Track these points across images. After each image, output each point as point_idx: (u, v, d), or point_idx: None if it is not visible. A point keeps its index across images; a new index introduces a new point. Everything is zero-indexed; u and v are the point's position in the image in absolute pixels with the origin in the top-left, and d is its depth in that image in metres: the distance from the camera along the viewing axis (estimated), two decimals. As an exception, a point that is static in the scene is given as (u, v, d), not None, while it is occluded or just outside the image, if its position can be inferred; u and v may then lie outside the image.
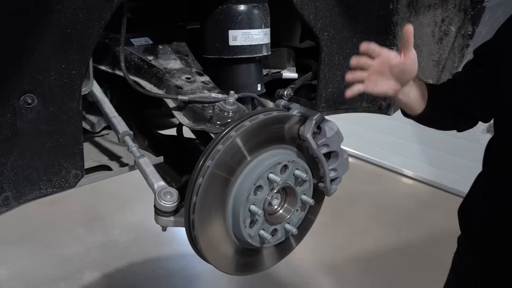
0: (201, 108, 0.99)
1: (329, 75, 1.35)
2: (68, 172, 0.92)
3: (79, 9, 0.81)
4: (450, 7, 1.14)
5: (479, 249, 1.08)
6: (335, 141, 0.98)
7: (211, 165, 0.84)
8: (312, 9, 1.22)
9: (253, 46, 1.13)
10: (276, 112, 0.94)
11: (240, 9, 1.10)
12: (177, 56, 1.13)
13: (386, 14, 1.27)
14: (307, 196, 0.97)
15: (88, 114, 1.21)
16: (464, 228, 1.14)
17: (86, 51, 0.85)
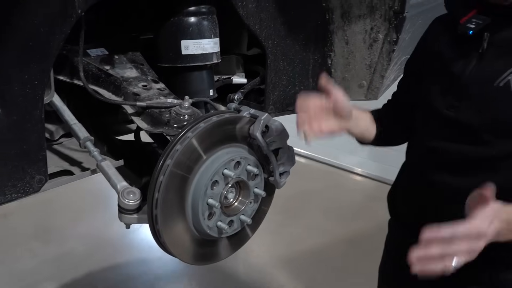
0: (159, 113, 1.07)
1: (275, 79, 1.47)
2: (32, 178, 0.97)
3: (40, 24, 0.86)
4: (377, 17, 1.30)
5: (405, 229, 1.22)
6: (282, 138, 1.09)
7: (171, 163, 0.93)
8: (257, 20, 1.33)
9: (204, 54, 1.22)
10: (228, 114, 1.03)
11: (191, 21, 1.19)
12: (133, 65, 1.20)
13: (323, 24, 1.40)
14: (259, 189, 1.07)
15: (46, 123, 1.25)
16: (392, 212, 1.27)
17: (47, 62, 0.91)
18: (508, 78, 0.88)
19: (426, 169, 1.06)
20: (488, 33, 0.91)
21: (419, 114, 1.11)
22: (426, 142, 1.07)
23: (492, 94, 0.90)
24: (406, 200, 1.19)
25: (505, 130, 0.90)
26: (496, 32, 0.91)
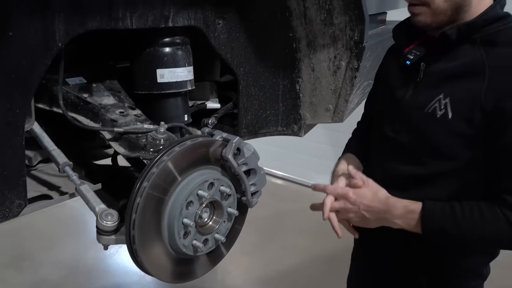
0: (136, 138, 1.12)
1: (248, 104, 1.55)
2: (12, 202, 1.00)
3: (22, 57, 0.92)
4: (340, 46, 1.40)
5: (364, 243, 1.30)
6: (253, 160, 1.16)
7: (147, 186, 0.98)
8: (229, 49, 1.42)
9: (179, 82, 1.29)
10: (201, 138, 1.10)
11: (166, 51, 1.27)
12: (110, 93, 1.26)
13: (291, 52, 1.50)
14: (232, 208, 1.13)
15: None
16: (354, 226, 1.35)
17: (29, 92, 0.96)
18: (435, 105, 0.98)
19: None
20: (424, 63, 1.02)
21: (372, 137, 1.21)
22: (377, 162, 1.17)
23: (423, 119, 0.99)
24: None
25: (436, 152, 1.00)
26: (430, 63, 1.01)
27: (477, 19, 0.95)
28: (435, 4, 0.95)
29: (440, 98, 0.97)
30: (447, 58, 0.99)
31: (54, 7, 0.94)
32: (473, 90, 0.93)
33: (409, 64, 1.03)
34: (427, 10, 0.97)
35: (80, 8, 0.99)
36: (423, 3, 0.97)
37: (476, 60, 0.95)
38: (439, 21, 0.98)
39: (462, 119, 0.94)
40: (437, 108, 0.96)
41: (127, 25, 1.10)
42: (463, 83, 0.95)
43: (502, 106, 0.89)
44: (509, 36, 0.95)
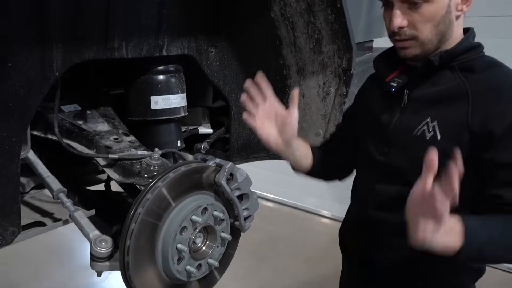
0: (130, 164, 1.14)
1: (239, 129, 1.58)
2: (5, 230, 1.00)
3: (20, 86, 0.94)
4: (329, 73, 1.45)
5: (353, 265, 1.31)
6: (246, 185, 1.18)
7: (142, 212, 0.99)
8: (221, 76, 1.46)
9: (172, 109, 1.32)
10: (195, 164, 1.12)
11: (160, 79, 1.30)
12: (104, 120, 1.28)
13: (281, 78, 1.54)
14: (225, 233, 1.15)
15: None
16: (341, 248, 1.36)
17: (25, 120, 0.97)
18: (423, 128, 1.03)
19: (367, 208, 1.18)
20: (407, 90, 1.07)
21: (359, 160, 1.24)
22: (365, 183, 1.20)
23: (412, 142, 1.04)
24: (352, 237, 1.29)
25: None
26: (413, 89, 1.07)
27: (456, 47, 1.02)
28: (423, 36, 1.01)
29: (427, 121, 1.02)
30: (429, 84, 1.05)
31: (53, 38, 0.97)
32: (459, 113, 0.99)
33: (393, 91, 1.08)
34: (415, 43, 1.03)
35: (77, 39, 1.02)
36: (411, 37, 1.03)
37: (458, 85, 1.01)
38: (427, 51, 1.04)
39: (451, 140, 0.99)
40: (425, 131, 1.02)
41: (123, 54, 1.13)
42: (449, 107, 1.01)
43: (489, 128, 0.95)
44: (483, 63, 1.02)
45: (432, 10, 0.98)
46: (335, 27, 1.33)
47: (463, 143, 0.97)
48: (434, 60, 1.02)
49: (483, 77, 1.00)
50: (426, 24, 1.00)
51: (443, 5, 0.98)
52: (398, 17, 1.01)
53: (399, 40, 1.05)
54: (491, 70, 1.01)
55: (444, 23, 1.00)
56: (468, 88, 0.99)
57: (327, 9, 1.30)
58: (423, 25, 1.00)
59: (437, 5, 0.98)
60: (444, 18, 0.99)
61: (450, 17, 1.00)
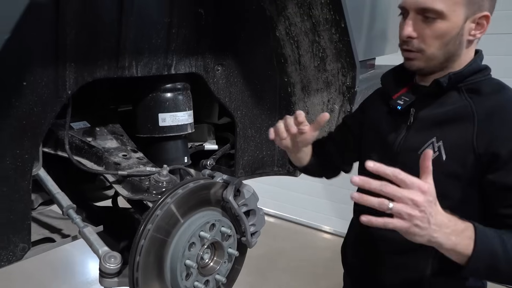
0: (139, 181, 1.15)
1: (244, 145, 1.60)
2: (16, 246, 1.01)
3: (34, 104, 0.96)
4: (333, 91, 1.48)
5: (354, 282, 1.30)
6: (252, 201, 1.19)
7: (151, 228, 1.00)
8: (227, 94, 1.48)
9: (180, 125, 1.34)
10: (203, 180, 1.14)
11: (168, 96, 1.33)
12: (113, 137, 1.30)
13: (286, 96, 1.57)
14: (232, 249, 1.16)
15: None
16: (343, 264, 1.35)
17: (38, 138, 0.99)
18: (428, 147, 1.04)
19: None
20: (413, 109, 1.09)
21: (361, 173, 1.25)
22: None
23: (416, 161, 1.05)
24: (353, 253, 1.30)
25: None
26: (420, 109, 1.08)
27: (464, 70, 1.03)
28: (430, 51, 1.03)
29: (433, 141, 1.03)
30: (436, 104, 1.06)
31: (66, 58, 0.99)
32: (465, 134, 1.00)
33: (400, 109, 1.10)
34: (421, 56, 1.04)
35: (90, 59, 1.05)
36: (418, 50, 1.04)
37: (465, 107, 1.02)
38: (432, 66, 1.06)
39: (456, 161, 1.00)
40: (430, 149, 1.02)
41: (133, 73, 1.16)
42: (455, 128, 1.02)
43: (495, 150, 0.96)
44: (489, 86, 1.03)
45: (443, 27, 0.99)
46: (339, 46, 1.36)
47: (468, 165, 0.99)
48: (443, 82, 1.03)
49: (489, 99, 1.01)
50: (435, 41, 1.01)
51: (456, 26, 0.99)
52: (409, 26, 1.03)
53: (407, 50, 1.06)
54: (497, 92, 1.02)
55: (453, 44, 1.01)
56: (474, 110, 1.00)
57: (332, 29, 1.33)
58: (432, 41, 1.01)
59: (449, 24, 0.99)
60: (454, 38, 1.00)
61: (461, 39, 1.01)
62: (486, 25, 1.00)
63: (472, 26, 1.01)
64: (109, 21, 1.05)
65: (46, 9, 0.91)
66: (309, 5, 1.30)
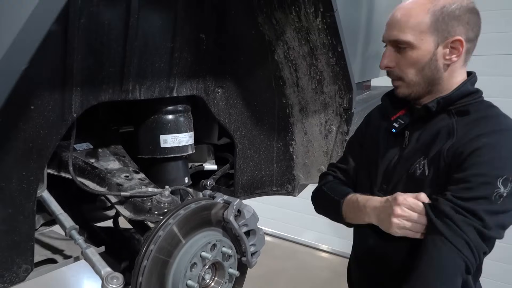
0: (141, 202, 1.17)
1: (244, 166, 1.62)
2: (19, 267, 1.02)
3: (41, 127, 0.99)
4: (330, 112, 1.51)
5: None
6: (253, 221, 1.21)
7: (154, 249, 1.02)
8: (227, 115, 1.51)
9: (181, 147, 1.37)
10: (204, 201, 1.15)
11: (169, 118, 1.36)
12: (115, 158, 1.32)
13: (284, 117, 1.60)
14: (233, 269, 1.17)
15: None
16: (348, 283, 1.37)
17: (43, 160, 1.02)
18: (415, 166, 1.08)
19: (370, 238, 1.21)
20: (408, 132, 1.13)
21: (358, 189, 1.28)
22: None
23: (406, 180, 1.09)
24: (357, 270, 1.32)
25: None
26: (413, 131, 1.13)
27: (452, 94, 1.08)
28: (408, 78, 1.09)
29: (419, 160, 1.08)
30: (427, 127, 1.11)
31: (73, 82, 1.02)
32: (441, 147, 1.05)
33: (395, 132, 1.13)
34: (403, 83, 1.11)
35: (95, 83, 1.08)
36: (398, 78, 1.11)
37: (448, 126, 1.07)
38: (416, 92, 1.11)
39: (434, 173, 1.05)
40: (417, 168, 1.07)
41: (136, 96, 1.19)
42: (436, 144, 1.07)
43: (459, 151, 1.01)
44: (478, 108, 1.07)
45: (415, 56, 1.05)
46: (336, 69, 1.40)
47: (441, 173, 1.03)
48: (431, 107, 1.07)
49: (472, 117, 1.05)
50: (410, 68, 1.07)
51: (427, 53, 1.04)
52: (385, 58, 1.10)
53: (391, 79, 1.12)
54: (482, 111, 1.06)
55: (429, 69, 1.06)
56: (455, 128, 1.05)
57: (329, 53, 1.37)
58: (407, 68, 1.07)
59: (420, 52, 1.04)
60: (428, 64, 1.05)
61: (436, 64, 1.06)
62: (462, 49, 1.04)
63: (446, 51, 1.05)
64: (114, 46, 1.09)
65: (55, 37, 0.94)
66: (306, 31, 1.34)
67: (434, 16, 1.02)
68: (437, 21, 1.02)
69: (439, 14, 1.02)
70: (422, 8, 1.03)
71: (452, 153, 1.02)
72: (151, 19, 1.15)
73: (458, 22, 1.02)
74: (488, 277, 2.17)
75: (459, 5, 1.02)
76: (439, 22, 1.02)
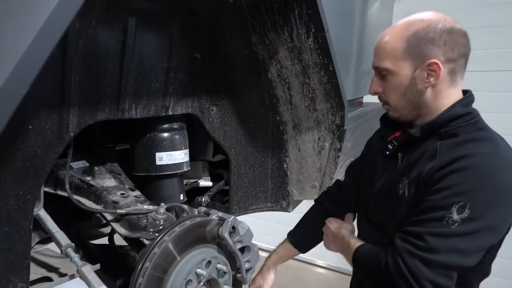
0: (136, 219, 1.18)
1: (238, 182, 1.64)
2: (15, 286, 1.02)
3: (38, 147, 1.00)
4: (323, 129, 1.54)
5: None
6: (247, 238, 1.22)
7: (149, 266, 1.03)
8: (221, 132, 1.54)
9: (176, 164, 1.39)
10: (199, 218, 1.17)
11: (165, 136, 1.38)
12: (111, 175, 1.34)
13: (278, 134, 1.63)
14: (228, 285, 1.17)
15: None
16: None
17: (40, 179, 1.03)
18: (399, 186, 1.09)
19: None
20: (401, 154, 1.15)
21: (358, 212, 1.30)
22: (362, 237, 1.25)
23: (393, 200, 1.10)
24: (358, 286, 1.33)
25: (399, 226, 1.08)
26: (405, 154, 1.14)
27: (437, 118, 1.07)
28: (393, 102, 1.12)
29: (403, 179, 1.10)
30: (418, 150, 1.11)
31: (70, 102, 1.04)
32: (423, 169, 1.05)
33: (388, 154, 1.16)
34: (390, 107, 1.14)
35: (92, 102, 1.10)
36: (385, 103, 1.15)
37: (432, 148, 1.07)
38: (404, 116, 1.13)
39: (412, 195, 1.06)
40: (400, 189, 1.09)
41: (132, 115, 1.21)
42: (419, 166, 1.07)
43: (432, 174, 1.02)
44: (467, 130, 1.05)
45: (394, 81, 1.08)
46: (328, 87, 1.43)
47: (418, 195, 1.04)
48: (414, 133, 1.09)
49: (457, 140, 1.04)
50: (393, 92, 1.10)
51: (405, 78, 1.06)
52: (373, 83, 1.14)
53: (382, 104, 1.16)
54: (470, 134, 1.04)
55: (411, 93, 1.08)
56: (438, 150, 1.05)
57: (321, 72, 1.41)
58: (390, 93, 1.11)
59: (399, 77, 1.07)
60: (409, 88, 1.07)
61: (417, 88, 1.07)
62: (439, 71, 1.04)
63: (424, 74, 1.05)
64: (111, 67, 1.12)
65: (54, 59, 0.97)
66: (299, 50, 1.38)
67: (408, 41, 1.04)
68: (411, 46, 1.04)
69: (413, 39, 1.04)
70: (398, 35, 1.06)
71: (429, 175, 1.02)
72: (147, 41, 1.19)
73: (433, 45, 1.02)
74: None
75: (434, 27, 1.03)
76: (413, 47, 1.03)
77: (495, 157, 0.99)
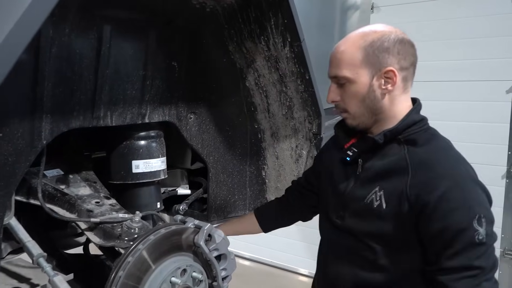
0: (111, 228, 1.17)
1: (217, 190, 1.64)
2: (-16, 298, 1.01)
3: (9, 155, 0.99)
4: (300, 137, 1.56)
5: None
6: (223, 245, 1.22)
7: (123, 275, 1.01)
8: (199, 140, 1.54)
9: (153, 172, 1.38)
10: (174, 226, 1.16)
11: (141, 144, 1.37)
12: (86, 184, 1.32)
13: (256, 142, 1.64)
14: (204, 294, 1.17)
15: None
16: None
17: (11, 187, 1.01)
18: (372, 197, 1.11)
19: (328, 262, 1.26)
20: (361, 160, 1.17)
21: (320, 220, 1.32)
22: (326, 241, 1.28)
23: (363, 209, 1.13)
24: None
25: (373, 236, 1.12)
26: (366, 160, 1.17)
27: (398, 126, 1.12)
28: (352, 110, 1.14)
29: (376, 190, 1.12)
30: (379, 156, 1.15)
31: (43, 109, 1.03)
32: (400, 184, 1.08)
33: (349, 160, 1.18)
34: (349, 115, 1.16)
35: (66, 110, 1.09)
36: (344, 110, 1.17)
37: (401, 159, 1.10)
38: (362, 123, 1.16)
39: (394, 209, 1.08)
40: (373, 199, 1.11)
41: (107, 123, 1.21)
42: (393, 178, 1.10)
43: (424, 199, 1.04)
44: (423, 137, 1.12)
45: (353, 89, 1.11)
46: (304, 96, 1.45)
47: (404, 212, 1.06)
48: (378, 140, 1.12)
49: (421, 150, 1.09)
50: (352, 100, 1.13)
51: (363, 85, 1.10)
52: (330, 92, 1.16)
53: (339, 112, 1.18)
54: (429, 143, 1.11)
55: (369, 100, 1.11)
56: (408, 162, 1.09)
57: (297, 80, 1.43)
58: (349, 101, 1.13)
59: (357, 85, 1.10)
60: (368, 95, 1.11)
61: (375, 95, 1.11)
62: (396, 78, 1.09)
63: (381, 81, 1.10)
64: (85, 74, 1.11)
65: (25, 65, 0.96)
66: (276, 59, 1.40)
67: (365, 51, 1.08)
68: (368, 55, 1.08)
69: (369, 49, 1.08)
70: (355, 45, 1.09)
71: (414, 196, 1.04)
72: (123, 49, 1.18)
73: (388, 54, 1.08)
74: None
75: (387, 37, 1.08)
76: (370, 56, 1.08)
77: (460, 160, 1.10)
